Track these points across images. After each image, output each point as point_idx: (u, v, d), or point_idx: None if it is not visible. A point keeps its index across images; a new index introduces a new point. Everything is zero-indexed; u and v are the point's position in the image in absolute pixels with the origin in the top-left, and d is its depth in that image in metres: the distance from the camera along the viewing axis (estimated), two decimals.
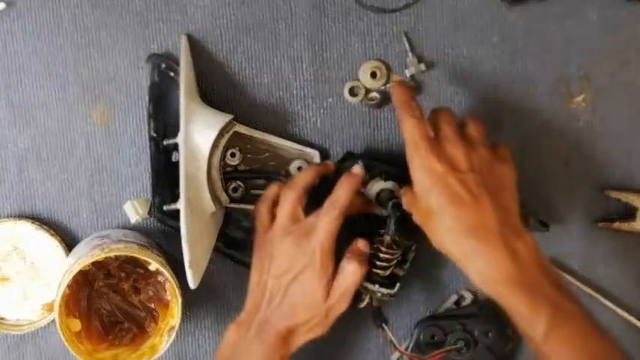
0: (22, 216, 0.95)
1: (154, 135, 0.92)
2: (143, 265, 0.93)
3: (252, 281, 0.89)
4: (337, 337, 0.99)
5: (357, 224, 0.92)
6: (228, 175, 0.93)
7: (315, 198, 0.90)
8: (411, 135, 0.82)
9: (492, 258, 0.79)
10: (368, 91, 0.96)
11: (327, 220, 0.85)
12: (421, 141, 0.82)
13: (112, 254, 0.88)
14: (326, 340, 0.98)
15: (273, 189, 0.91)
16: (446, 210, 0.80)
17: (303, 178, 0.89)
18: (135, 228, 0.96)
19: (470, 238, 0.79)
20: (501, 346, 0.98)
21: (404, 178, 0.86)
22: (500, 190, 0.82)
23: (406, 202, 0.85)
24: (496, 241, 0.79)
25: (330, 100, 0.96)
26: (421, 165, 0.81)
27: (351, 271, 0.86)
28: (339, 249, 0.89)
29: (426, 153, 0.81)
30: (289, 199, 0.88)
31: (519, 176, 0.97)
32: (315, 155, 0.95)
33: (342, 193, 0.86)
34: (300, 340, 0.87)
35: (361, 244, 0.88)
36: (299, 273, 0.86)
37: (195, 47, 0.94)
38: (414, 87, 0.95)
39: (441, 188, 0.80)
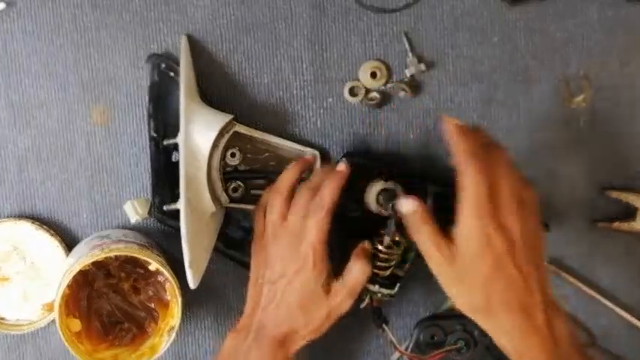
0: (22, 216, 0.95)
1: (154, 135, 0.92)
2: (143, 265, 0.93)
3: (249, 287, 0.90)
4: (337, 338, 0.99)
5: (357, 224, 0.92)
6: (228, 175, 0.93)
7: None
8: (475, 193, 0.77)
9: (533, 336, 0.77)
10: (368, 91, 0.96)
11: (315, 220, 0.85)
12: (484, 204, 0.77)
13: (112, 254, 0.88)
14: (326, 341, 0.98)
15: (266, 195, 0.91)
16: (488, 282, 0.78)
17: (286, 179, 0.89)
18: (135, 228, 0.96)
19: (511, 314, 0.77)
20: None
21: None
22: (541, 263, 0.80)
23: (438, 254, 0.80)
24: (540, 321, 0.77)
25: (330, 100, 0.96)
26: (477, 230, 0.77)
27: (358, 270, 0.86)
28: (341, 250, 0.89)
29: (487, 221, 0.77)
30: (276, 202, 0.88)
31: None
32: (315, 155, 0.95)
33: (327, 192, 0.86)
34: (297, 344, 0.87)
35: (367, 244, 0.88)
36: (293, 277, 0.85)
37: (195, 47, 0.94)
38: (478, 129, 0.85)
39: (491, 260, 0.77)
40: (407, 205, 0.82)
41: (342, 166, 0.88)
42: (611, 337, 1.01)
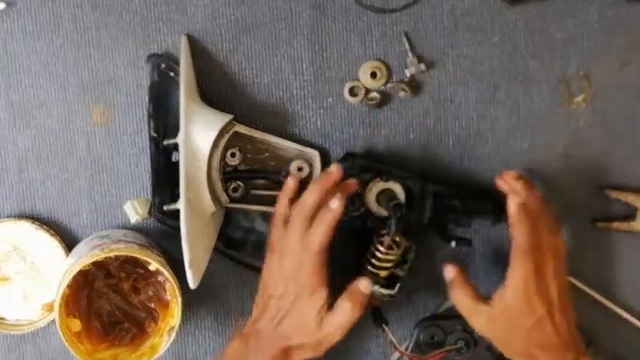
0: (22, 216, 0.95)
1: (154, 135, 0.92)
2: (143, 265, 0.93)
3: (259, 294, 0.90)
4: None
5: (357, 224, 0.92)
6: (228, 175, 0.93)
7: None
8: (524, 263, 0.85)
9: None
10: (368, 91, 0.96)
11: (309, 255, 0.85)
12: (531, 274, 0.85)
13: (112, 254, 0.88)
14: None
15: (282, 205, 0.90)
16: (528, 335, 0.86)
17: (311, 197, 0.87)
18: (135, 228, 0.96)
19: (548, 355, 0.87)
20: None
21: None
22: (572, 310, 0.88)
23: (475, 316, 0.88)
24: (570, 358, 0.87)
25: (330, 100, 0.96)
26: (522, 296, 0.85)
27: (345, 310, 0.86)
28: (340, 250, 0.90)
29: (531, 287, 0.85)
30: (296, 220, 0.87)
31: None
32: (315, 155, 0.95)
33: (317, 233, 0.85)
34: (300, 356, 0.88)
35: (362, 286, 0.87)
36: (293, 300, 0.86)
37: (195, 47, 0.94)
38: (529, 182, 0.91)
39: (532, 321, 0.85)
40: (447, 274, 0.90)
41: (334, 167, 0.88)
42: (611, 337, 1.01)
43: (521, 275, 0.85)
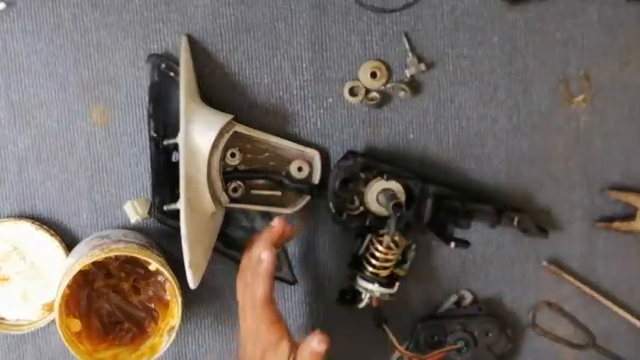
0: (22, 216, 0.95)
1: (154, 135, 0.92)
2: (143, 265, 0.93)
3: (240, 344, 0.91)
4: (337, 337, 0.99)
5: (356, 224, 0.92)
6: (228, 175, 0.93)
7: None
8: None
9: None
10: (368, 91, 0.96)
11: (254, 316, 0.87)
12: None
13: (112, 254, 0.88)
14: None
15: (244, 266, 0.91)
16: None
17: (255, 257, 0.89)
18: (135, 228, 0.96)
19: None
20: (501, 346, 0.99)
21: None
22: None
23: None
24: None
25: (330, 100, 0.96)
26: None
27: None
28: (343, 252, 0.90)
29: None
30: (243, 282, 0.89)
31: (519, 178, 0.98)
32: (315, 155, 0.95)
33: (253, 255, 0.87)
34: None
35: (315, 342, 0.86)
36: (262, 356, 0.87)
37: (195, 47, 0.94)
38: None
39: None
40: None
41: (276, 223, 0.89)
42: (611, 337, 1.01)
43: None
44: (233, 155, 0.93)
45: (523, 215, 0.95)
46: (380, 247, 0.89)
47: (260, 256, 0.87)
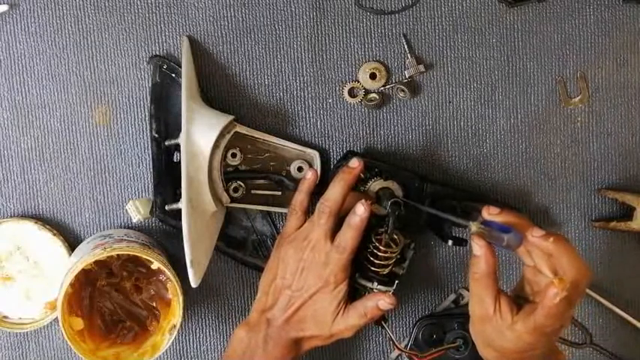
0: (25, 215, 0.96)
1: (156, 135, 0.93)
2: (145, 264, 0.93)
3: (264, 283, 0.90)
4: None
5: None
6: (229, 175, 0.94)
7: None
8: (564, 315, 0.78)
9: None
10: (367, 92, 0.96)
11: (337, 257, 0.87)
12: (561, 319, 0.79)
13: (114, 253, 0.88)
14: None
15: (302, 195, 0.92)
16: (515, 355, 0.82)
17: (338, 192, 0.88)
18: (137, 227, 0.97)
19: None
20: None
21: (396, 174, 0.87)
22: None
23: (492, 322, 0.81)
24: None
25: (330, 100, 0.97)
26: (542, 331, 0.79)
27: (360, 316, 0.88)
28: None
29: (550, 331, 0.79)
30: (323, 216, 0.88)
31: (516, 178, 0.98)
32: (315, 155, 0.95)
33: (349, 237, 0.87)
34: (310, 345, 0.90)
35: (382, 304, 0.88)
36: (313, 294, 0.88)
37: (197, 49, 0.94)
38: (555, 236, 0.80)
39: (531, 348, 0.80)
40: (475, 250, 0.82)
41: (355, 162, 0.89)
42: (609, 336, 1.01)
43: (552, 317, 0.78)
44: (234, 155, 0.94)
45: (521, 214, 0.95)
46: (379, 246, 0.89)
47: (356, 210, 0.87)
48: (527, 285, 0.82)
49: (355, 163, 0.89)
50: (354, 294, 0.93)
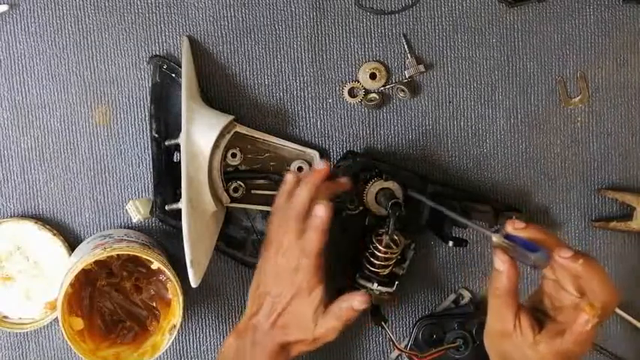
0: (25, 215, 0.96)
1: (156, 135, 0.93)
2: (145, 264, 0.93)
3: (251, 290, 0.90)
4: (337, 336, 1.00)
5: (356, 223, 0.93)
6: (229, 175, 0.94)
7: None
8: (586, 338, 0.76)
9: None
10: (367, 92, 0.96)
11: (306, 263, 0.84)
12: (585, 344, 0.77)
13: (114, 253, 0.88)
14: None
15: (281, 201, 0.89)
16: None
17: (304, 196, 0.86)
18: (137, 227, 0.97)
19: None
20: None
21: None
22: None
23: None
24: None
25: (330, 100, 0.97)
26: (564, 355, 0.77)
27: (339, 317, 0.85)
28: (338, 249, 0.90)
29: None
30: (289, 220, 0.86)
31: (516, 178, 0.98)
32: (315, 155, 0.95)
33: (312, 237, 0.84)
34: (297, 351, 0.88)
35: (356, 303, 0.85)
36: (290, 300, 0.86)
37: (197, 49, 0.95)
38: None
39: None
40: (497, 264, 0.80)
41: (321, 164, 0.87)
42: (609, 336, 1.02)
43: (580, 344, 0.77)
44: (234, 155, 0.94)
45: (520, 215, 0.95)
46: (379, 247, 0.90)
47: (315, 212, 0.84)
48: (547, 299, 0.80)
49: (320, 165, 0.87)
50: None
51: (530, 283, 0.96)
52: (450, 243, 0.92)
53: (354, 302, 0.85)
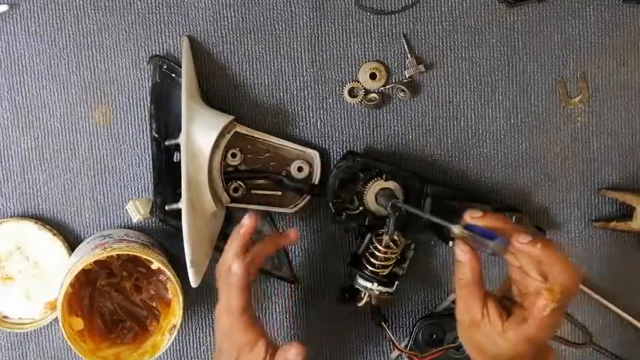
0: (25, 215, 0.96)
1: (156, 135, 0.93)
2: (145, 264, 0.93)
3: (216, 346, 0.89)
4: (337, 336, 1.00)
5: (356, 224, 0.93)
6: (229, 175, 0.94)
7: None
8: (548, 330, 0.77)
9: None
10: (367, 92, 0.96)
11: (230, 325, 0.85)
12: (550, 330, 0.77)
13: (114, 253, 0.88)
14: (325, 339, 0.99)
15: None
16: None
17: (227, 260, 0.86)
18: (137, 227, 0.97)
19: None
20: None
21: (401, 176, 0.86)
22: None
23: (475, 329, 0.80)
24: None
25: (330, 100, 0.97)
26: (533, 341, 0.77)
27: None
28: (342, 251, 0.90)
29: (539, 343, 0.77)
30: (221, 287, 0.86)
31: (516, 178, 0.98)
32: (315, 155, 0.95)
33: (226, 257, 0.85)
34: None
35: (291, 355, 0.83)
36: (238, 355, 0.85)
37: (197, 49, 0.95)
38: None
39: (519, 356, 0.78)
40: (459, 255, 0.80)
41: (246, 219, 0.87)
42: (608, 336, 1.02)
43: (542, 329, 0.77)
44: (234, 155, 0.94)
45: (521, 215, 0.96)
46: (379, 247, 0.90)
47: (230, 268, 0.85)
48: (514, 286, 0.81)
49: (246, 221, 0.86)
50: (354, 294, 0.93)
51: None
52: (450, 243, 0.92)
53: (289, 354, 0.83)
